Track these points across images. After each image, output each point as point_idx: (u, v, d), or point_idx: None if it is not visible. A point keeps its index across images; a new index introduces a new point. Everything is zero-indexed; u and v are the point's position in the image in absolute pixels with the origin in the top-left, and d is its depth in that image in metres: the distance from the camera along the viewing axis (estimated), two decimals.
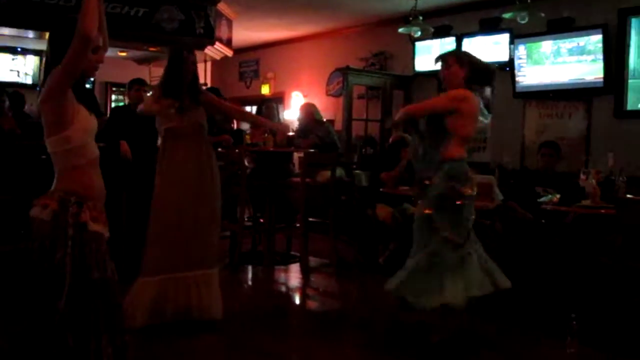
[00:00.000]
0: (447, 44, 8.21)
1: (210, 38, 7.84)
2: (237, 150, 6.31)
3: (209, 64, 9.26)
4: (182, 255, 4.12)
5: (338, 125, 8.85)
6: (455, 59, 4.04)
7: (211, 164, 4.33)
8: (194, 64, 4.32)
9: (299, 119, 7.60)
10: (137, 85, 6.35)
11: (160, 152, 4.29)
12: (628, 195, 4.46)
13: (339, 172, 6.87)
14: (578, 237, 4.82)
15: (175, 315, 4.06)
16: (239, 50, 10.63)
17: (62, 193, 2.39)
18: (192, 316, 4.11)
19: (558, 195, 4.96)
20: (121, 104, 10.22)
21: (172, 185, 4.18)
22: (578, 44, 7.03)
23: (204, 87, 5.89)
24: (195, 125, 4.26)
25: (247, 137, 6.96)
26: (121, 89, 10.42)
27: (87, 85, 7.24)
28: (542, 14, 6.68)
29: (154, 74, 10.12)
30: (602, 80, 6.84)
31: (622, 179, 4.66)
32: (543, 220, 5.06)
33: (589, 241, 4.68)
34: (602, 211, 4.39)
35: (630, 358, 3.88)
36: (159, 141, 4.40)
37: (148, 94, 5.57)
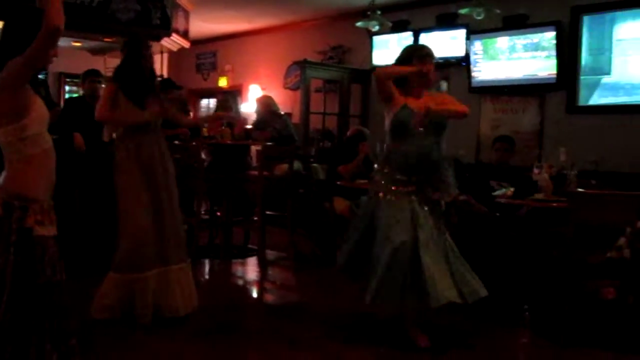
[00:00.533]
0: (405, 38, 8.27)
1: (166, 29, 7.74)
2: (194, 143, 6.25)
3: (165, 56, 9.14)
4: (156, 251, 4.09)
5: (296, 119, 8.84)
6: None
7: (169, 157, 4.31)
8: (150, 57, 4.27)
9: (256, 112, 7.56)
10: (92, 76, 6.23)
11: (120, 147, 4.20)
12: (579, 189, 4.56)
13: (297, 165, 6.87)
14: (531, 230, 4.92)
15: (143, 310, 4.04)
16: (196, 42, 10.51)
17: (6, 196, 2.34)
18: (164, 313, 4.10)
19: (512, 189, 5.04)
20: (75, 95, 10.01)
21: (142, 182, 4.11)
22: (532, 40, 7.16)
23: (158, 79, 5.80)
24: (156, 119, 4.22)
25: (205, 130, 6.90)
26: (75, 80, 10.18)
27: (40, 76, 7.07)
28: (498, 11, 6.79)
29: (109, 64, 9.91)
30: (555, 76, 6.98)
31: (574, 173, 4.76)
32: (497, 213, 5.14)
33: (542, 234, 4.78)
34: (554, 204, 4.48)
35: (580, 347, 3.98)
36: (113, 135, 4.33)
37: (103, 88, 5.47)
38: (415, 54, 3.91)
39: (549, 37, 6.99)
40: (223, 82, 11.51)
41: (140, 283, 4.03)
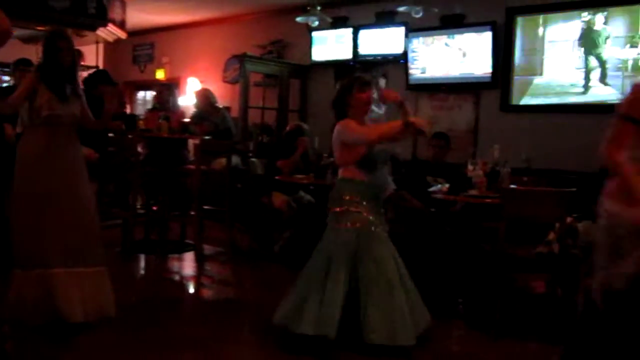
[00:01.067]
0: (344, 35, 8.32)
1: (102, 19, 7.57)
2: (129, 136, 6.13)
3: (101, 46, 8.93)
4: (62, 249, 3.93)
5: (234, 113, 8.77)
6: None
7: (81, 156, 4.19)
8: (69, 50, 4.14)
9: (195, 105, 7.47)
10: (22, 65, 6.02)
11: (28, 139, 4.05)
12: (512, 186, 4.68)
13: (235, 159, 6.83)
14: (465, 225, 5.02)
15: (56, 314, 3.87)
16: (134, 33, 10.30)
17: None
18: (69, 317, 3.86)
19: (447, 185, 5.14)
20: (5, 85, 9.65)
21: (45, 175, 3.97)
22: (469, 39, 7.31)
23: (93, 70, 5.65)
24: (73, 116, 4.11)
25: (141, 122, 6.77)
26: (5, 69, 9.83)
27: None
28: (436, 10, 6.91)
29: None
30: (490, 75, 7.15)
31: (507, 170, 4.89)
32: (432, 209, 5.23)
33: (475, 229, 4.89)
34: (488, 200, 4.58)
35: (512, 338, 4.10)
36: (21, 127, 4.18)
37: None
38: (356, 83, 4.00)
39: (484, 36, 7.15)
40: (160, 75, 11.31)
41: (49, 279, 3.86)
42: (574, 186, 4.41)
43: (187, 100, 9.65)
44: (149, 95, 12.17)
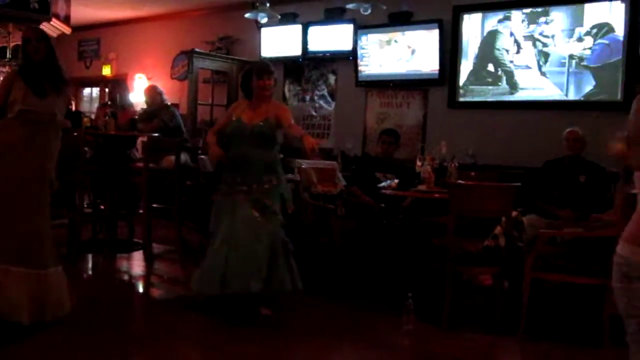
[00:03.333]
0: (293, 31, 8.32)
1: (46, 14, 7.38)
2: (75, 134, 6.00)
3: None
4: (12, 246, 3.83)
5: (183, 110, 8.68)
6: None
7: (50, 157, 4.07)
8: (38, 43, 4.03)
9: (145, 102, 7.36)
10: None
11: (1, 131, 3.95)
12: (459, 181, 4.76)
13: (184, 157, 6.75)
14: (414, 220, 5.09)
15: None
16: (78, 28, 10.07)
17: None
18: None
19: (396, 180, 5.19)
20: None
21: (4, 170, 3.87)
22: (416, 37, 7.40)
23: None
24: (51, 113, 3.98)
25: (86, 119, 6.63)
26: None
27: None
28: (384, 7, 6.96)
29: None
30: (437, 72, 7.25)
31: (454, 165, 4.97)
32: (382, 204, 5.28)
33: (424, 223, 4.95)
34: (436, 195, 4.65)
35: (461, 331, 4.18)
36: None
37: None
38: (253, 71, 4.40)
39: (432, 34, 7.24)
40: (107, 71, 11.12)
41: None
42: (519, 181, 4.51)
43: (134, 97, 9.50)
44: (95, 92, 11.94)
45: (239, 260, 4.05)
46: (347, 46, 7.91)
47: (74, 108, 9.68)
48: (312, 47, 8.24)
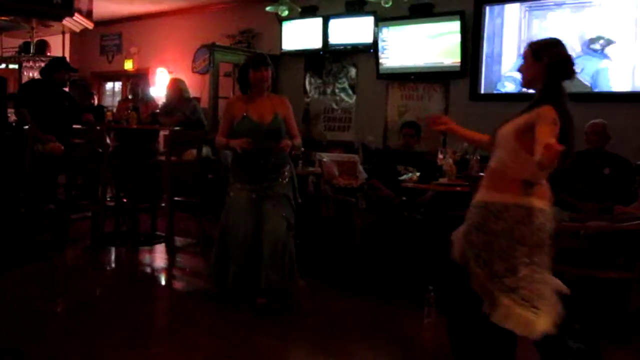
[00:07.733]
0: (314, 24, 8.30)
1: (68, 9, 7.45)
2: (98, 128, 6.05)
3: (67, 37, 8.79)
4: None
5: (204, 103, 8.71)
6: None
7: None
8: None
9: (166, 96, 7.40)
10: None
11: None
12: (481, 174, 4.72)
13: (206, 150, 6.78)
14: (435, 213, 5.06)
15: None
16: (101, 23, 10.17)
17: None
18: None
19: (418, 174, 5.17)
20: None
21: None
22: (438, 29, 7.35)
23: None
24: None
25: (109, 114, 6.69)
26: None
27: None
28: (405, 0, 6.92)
29: (6, 44, 9.48)
30: (459, 64, 7.20)
31: (476, 158, 4.94)
32: (404, 197, 5.26)
33: (445, 217, 4.93)
34: (458, 188, 4.62)
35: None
36: None
37: None
38: (250, 63, 4.39)
39: (453, 26, 7.19)
40: (129, 65, 11.18)
41: None
42: None
43: (157, 91, 9.57)
44: (117, 86, 12.03)
45: (250, 257, 4.22)
46: (368, 39, 7.88)
47: (96, 102, 9.78)
48: (332, 40, 8.22)
